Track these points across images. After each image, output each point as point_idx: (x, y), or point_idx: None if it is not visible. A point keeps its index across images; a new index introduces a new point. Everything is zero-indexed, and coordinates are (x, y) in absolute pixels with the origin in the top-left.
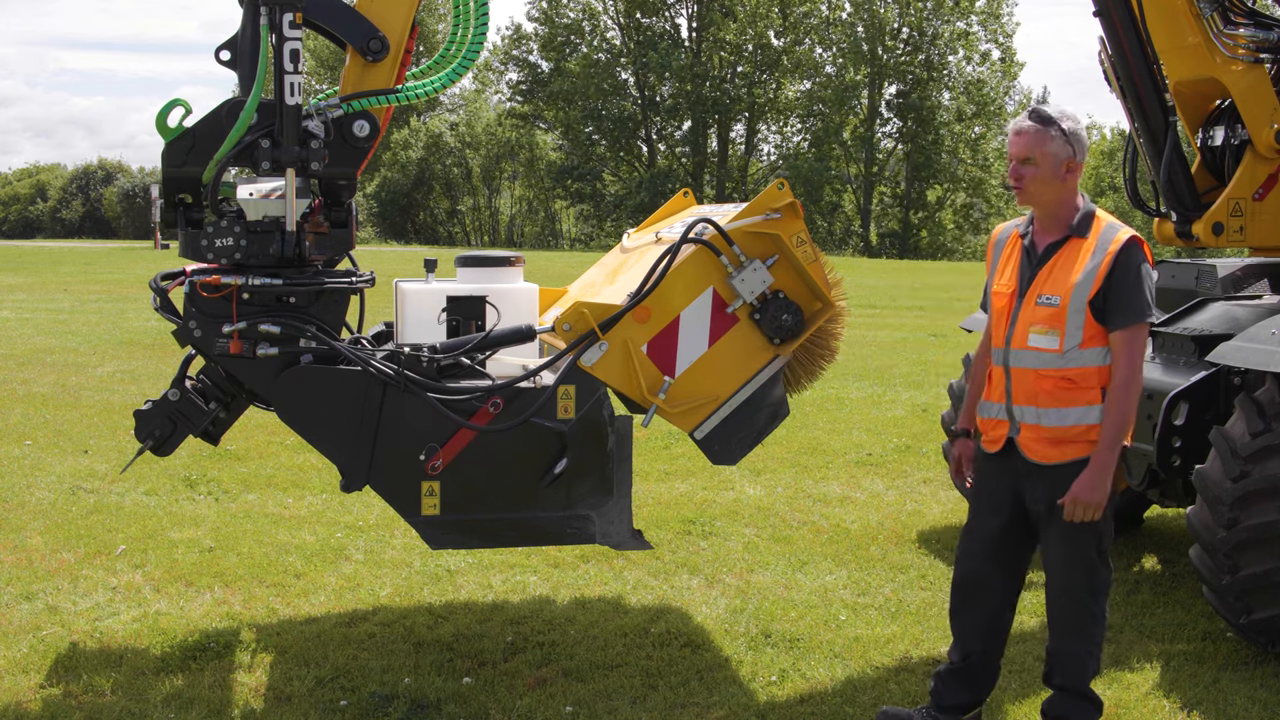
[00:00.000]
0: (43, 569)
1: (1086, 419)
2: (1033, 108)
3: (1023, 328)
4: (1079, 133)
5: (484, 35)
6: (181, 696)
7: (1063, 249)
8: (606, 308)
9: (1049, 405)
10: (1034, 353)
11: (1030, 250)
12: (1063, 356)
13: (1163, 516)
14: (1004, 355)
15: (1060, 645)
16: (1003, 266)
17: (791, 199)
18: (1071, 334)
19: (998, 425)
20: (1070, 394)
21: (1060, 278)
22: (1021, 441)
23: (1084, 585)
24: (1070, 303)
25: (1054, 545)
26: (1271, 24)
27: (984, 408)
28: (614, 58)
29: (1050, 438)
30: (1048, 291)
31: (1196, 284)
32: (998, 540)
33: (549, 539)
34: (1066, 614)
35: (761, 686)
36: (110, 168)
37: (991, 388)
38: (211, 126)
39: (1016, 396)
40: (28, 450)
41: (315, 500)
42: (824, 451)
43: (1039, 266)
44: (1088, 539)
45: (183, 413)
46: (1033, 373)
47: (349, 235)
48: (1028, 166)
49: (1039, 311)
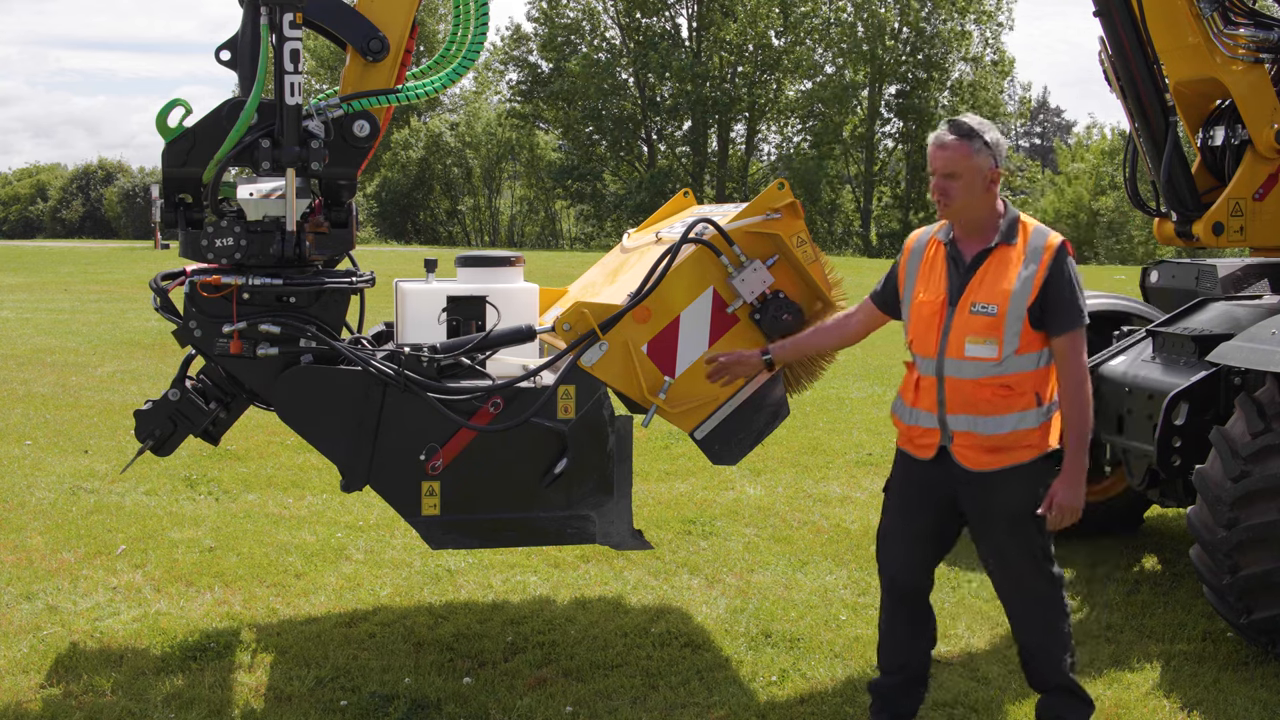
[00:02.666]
0: (43, 569)
1: (1023, 424)
2: (952, 120)
3: (958, 337)
4: (1000, 142)
5: (484, 35)
6: (181, 696)
7: (992, 256)
8: (607, 308)
9: (987, 413)
10: (972, 362)
11: (957, 259)
12: (1000, 364)
13: (1163, 516)
14: (937, 365)
15: (1031, 645)
16: (925, 274)
17: (792, 199)
18: (1009, 341)
19: (927, 434)
20: (1008, 401)
21: (994, 286)
22: (956, 450)
23: (1041, 582)
24: (1009, 311)
25: (1001, 549)
26: (1272, 24)
27: (910, 414)
28: (614, 58)
29: (987, 445)
30: (982, 300)
31: (1196, 284)
32: (923, 543)
33: (549, 539)
34: (1030, 614)
35: (762, 686)
36: (110, 168)
37: (919, 396)
38: (211, 126)
39: (952, 406)
40: (28, 450)
41: (315, 500)
42: (824, 451)
43: (969, 275)
44: (1034, 538)
45: (183, 413)
46: (971, 382)
47: (349, 235)
48: (953, 181)
49: (975, 321)
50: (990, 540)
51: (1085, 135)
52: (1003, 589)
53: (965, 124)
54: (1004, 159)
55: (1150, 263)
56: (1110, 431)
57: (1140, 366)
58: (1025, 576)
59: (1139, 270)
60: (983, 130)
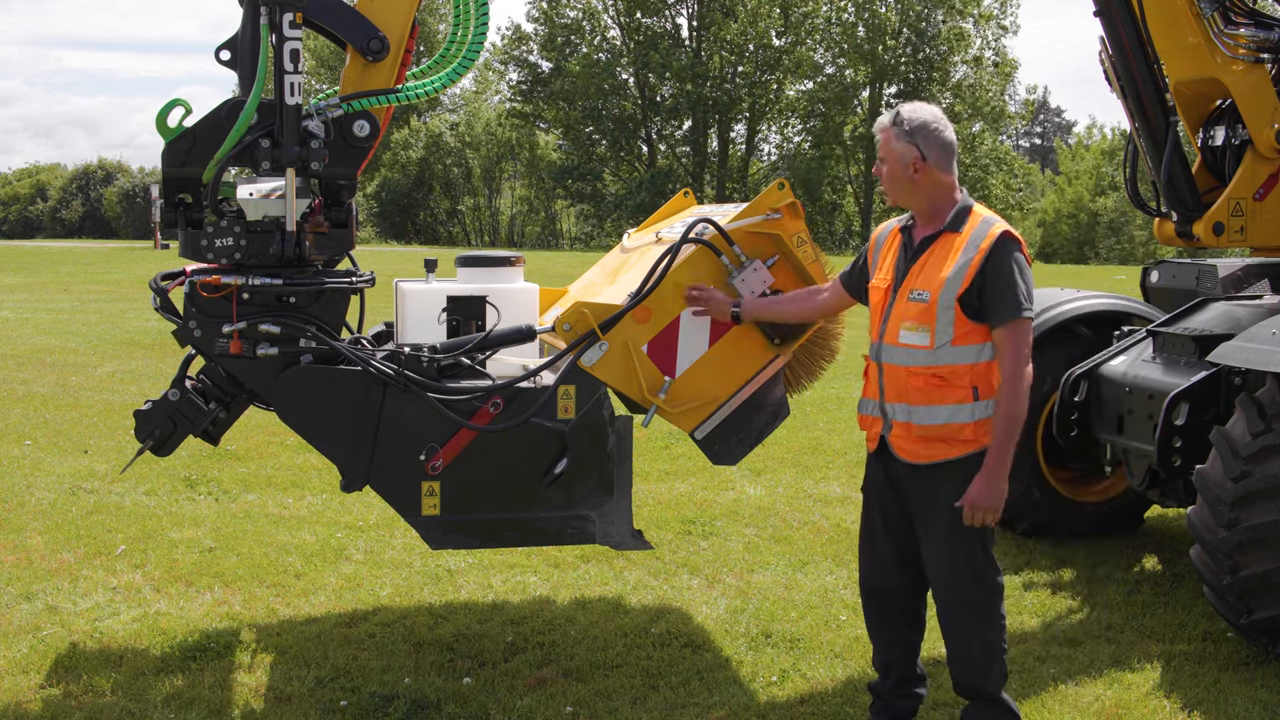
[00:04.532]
0: (43, 569)
1: (957, 418)
2: (901, 105)
3: (895, 323)
4: (930, 131)
5: (484, 35)
6: (181, 696)
7: (935, 243)
8: (607, 308)
9: (919, 403)
10: (904, 349)
11: (908, 245)
12: (933, 353)
13: (1163, 516)
14: (877, 350)
15: (957, 652)
16: (882, 260)
17: (792, 199)
18: (942, 330)
19: (873, 423)
20: (941, 391)
21: (931, 273)
22: (893, 440)
23: (974, 587)
24: (939, 299)
25: (935, 547)
26: (1272, 24)
27: (861, 404)
28: (614, 58)
29: (921, 436)
30: (919, 287)
31: (1197, 284)
32: (892, 541)
33: (549, 539)
34: (959, 619)
35: (762, 687)
36: (110, 168)
37: (867, 384)
38: (211, 126)
39: (888, 393)
40: (28, 450)
41: (315, 500)
42: (824, 451)
43: (913, 261)
44: (970, 540)
45: (183, 413)
46: (904, 370)
47: (349, 235)
48: (880, 165)
49: (910, 307)
50: (926, 539)
51: (1085, 135)
52: (935, 589)
53: (899, 109)
54: (937, 150)
55: (1150, 263)
56: (1110, 431)
57: (1140, 366)
58: (959, 581)
59: (1139, 270)
60: (914, 118)
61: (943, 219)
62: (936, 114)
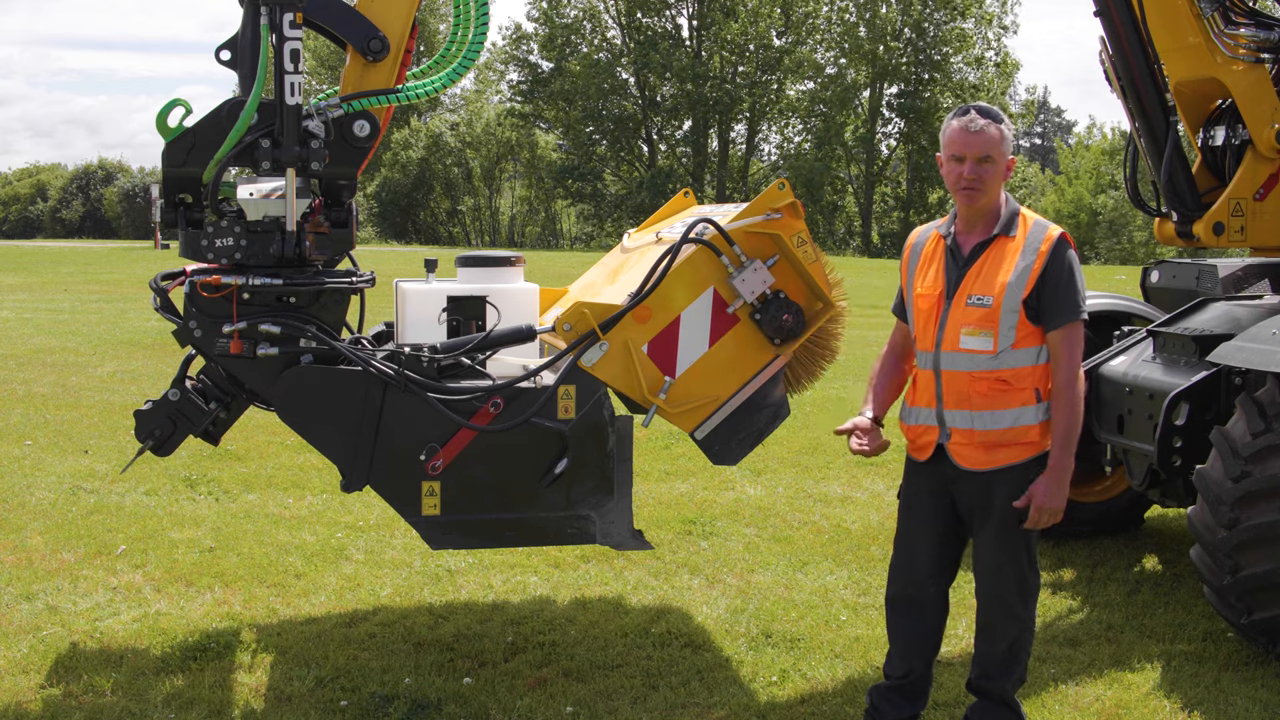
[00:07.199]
0: (43, 569)
1: (1021, 420)
2: (974, 105)
3: (953, 329)
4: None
5: (484, 35)
6: (181, 696)
7: (990, 248)
8: (607, 308)
9: (983, 408)
10: (967, 355)
11: (955, 251)
12: (996, 358)
13: (1163, 516)
14: (933, 359)
15: (988, 651)
16: (924, 269)
17: (792, 199)
18: (1004, 334)
19: (926, 432)
20: (1004, 396)
21: (990, 278)
22: (952, 448)
23: (1014, 591)
24: (1004, 303)
25: (985, 551)
26: (1272, 24)
27: (910, 414)
28: (614, 57)
29: (984, 442)
30: (978, 292)
31: (1197, 284)
32: (933, 552)
33: (549, 539)
34: (997, 620)
35: (762, 687)
36: (110, 168)
37: (918, 393)
38: (211, 126)
39: (948, 401)
40: (28, 450)
41: (315, 500)
42: (824, 451)
43: (966, 267)
44: (1019, 544)
45: (183, 413)
46: (966, 375)
47: (349, 235)
48: (987, 165)
49: (970, 313)
50: (979, 543)
51: (1085, 135)
52: (981, 591)
53: (989, 108)
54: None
55: (1151, 263)
56: (1110, 431)
57: (1141, 366)
58: (1004, 582)
59: (1139, 270)
60: (1005, 119)
61: (994, 221)
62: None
